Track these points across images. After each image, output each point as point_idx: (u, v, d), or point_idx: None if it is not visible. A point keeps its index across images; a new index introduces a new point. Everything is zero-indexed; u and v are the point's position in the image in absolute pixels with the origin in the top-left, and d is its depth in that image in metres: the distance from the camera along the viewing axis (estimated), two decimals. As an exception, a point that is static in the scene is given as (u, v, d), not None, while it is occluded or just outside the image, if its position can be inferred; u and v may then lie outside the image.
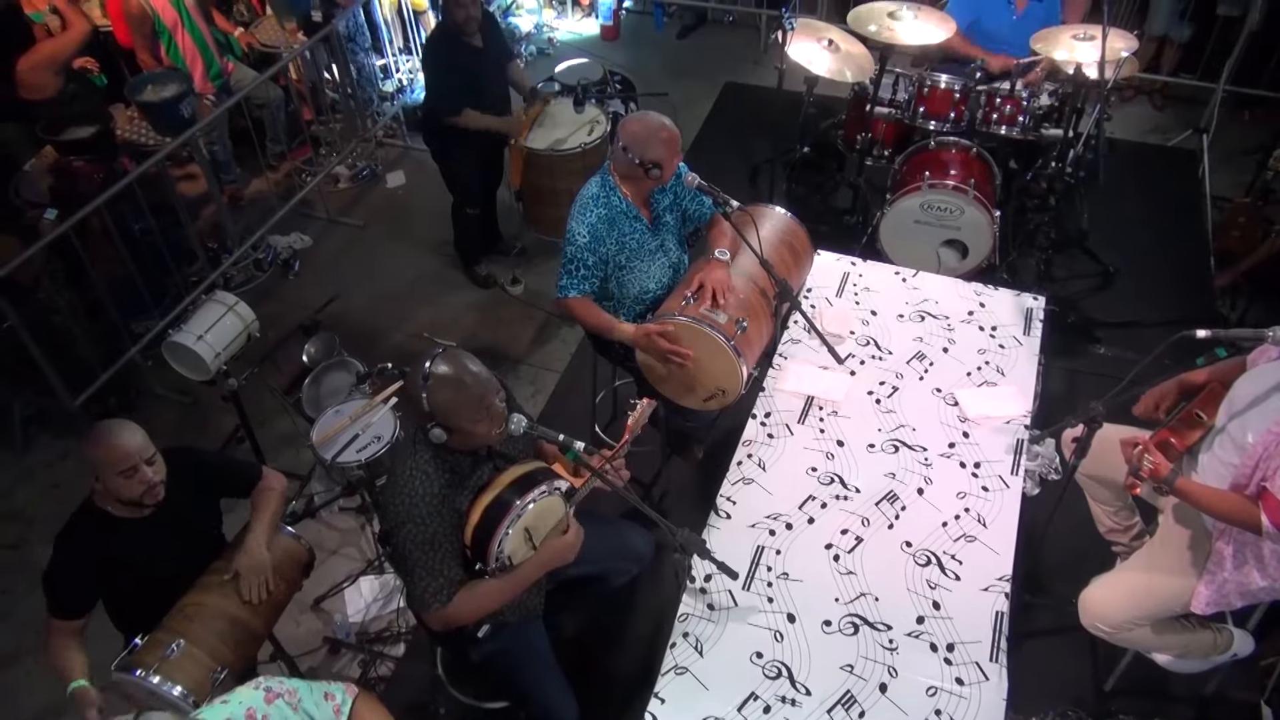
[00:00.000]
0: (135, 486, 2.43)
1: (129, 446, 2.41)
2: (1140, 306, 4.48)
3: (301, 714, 1.94)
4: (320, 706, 1.98)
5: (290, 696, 1.94)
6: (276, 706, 1.90)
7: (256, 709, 1.88)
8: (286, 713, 1.91)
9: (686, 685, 2.26)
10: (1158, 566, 2.64)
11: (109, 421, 2.50)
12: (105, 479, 2.44)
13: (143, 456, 2.44)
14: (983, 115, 4.23)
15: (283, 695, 1.93)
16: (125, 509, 2.56)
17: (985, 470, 2.72)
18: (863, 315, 3.21)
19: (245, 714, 1.86)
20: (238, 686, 1.96)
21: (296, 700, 1.94)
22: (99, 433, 2.44)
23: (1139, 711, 3.09)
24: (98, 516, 2.57)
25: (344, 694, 2.03)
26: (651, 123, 2.86)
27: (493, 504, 2.16)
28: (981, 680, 2.26)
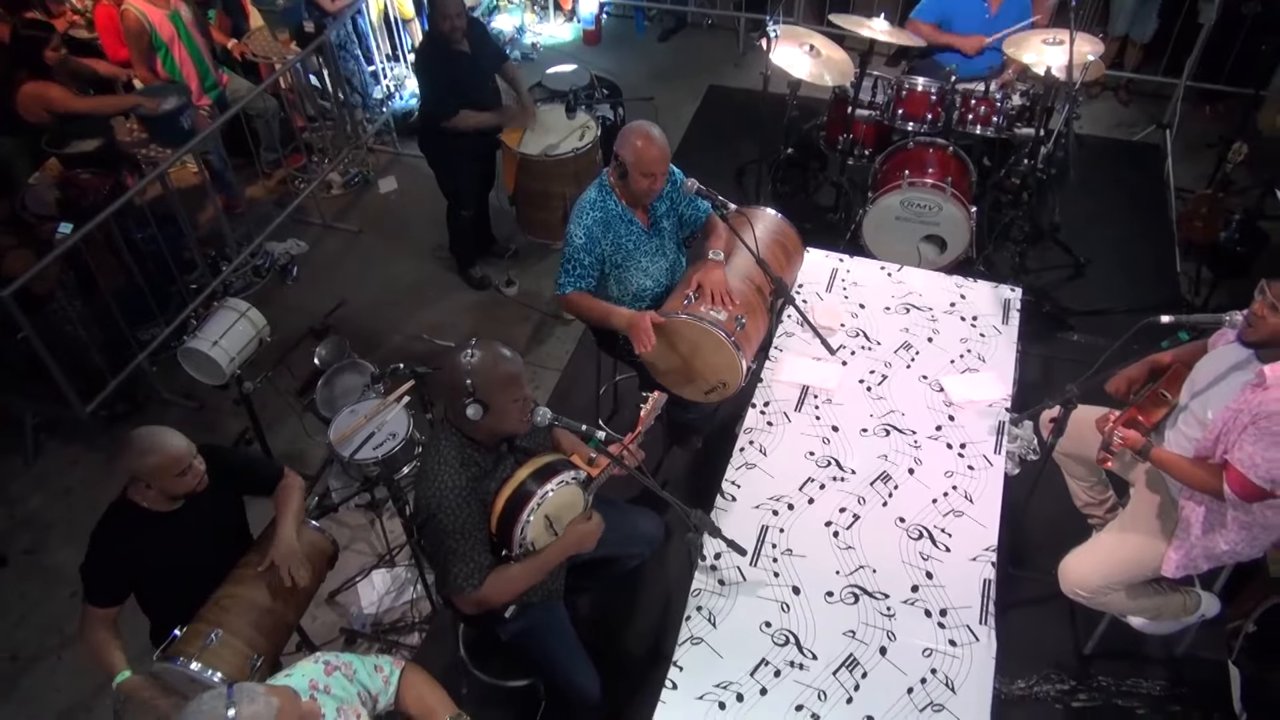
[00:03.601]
0: (189, 481, 2.57)
1: (181, 449, 2.55)
2: (1110, 295, 4.71)
3: (356, 684, 2.10)
4: (372, 677, 2.14)
5: (346, 669, 2.09)
6: (335, 678, 2.06)
7: (318, 680, 2.03)
8: (344, 683, 2.07)
9: (702, 654, 2.44)
10: (1130, 535, 2.86)
11: (148, 430, 2.60)
12: (161, 481, 2.56)
13: (191, 455, 2.57)
14: (958, 116, 4.44)
15: (340, 668, 2.08)
16: (159, 503, 2.68)
17: (970, 450, 2.93)
18: (851, 309, 3.41)
19: (309, 684, 2.01)
20: (298, 662, 2.11)
21: (352, 672, 2.10)
22: (147, 442, 2.54)
23: (1116, 673, 3.31)
24: (131, 511, 2.69)
25: (391, 666, 2.19)
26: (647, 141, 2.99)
27: (515, 493, 2.32)
28: (972, 641, 2.46)
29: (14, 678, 3.78)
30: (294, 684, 1.99)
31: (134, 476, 2.61)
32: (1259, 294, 2.44)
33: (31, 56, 4.51)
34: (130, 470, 2.58)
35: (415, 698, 2.17)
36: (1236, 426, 2.46)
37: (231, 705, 1.75)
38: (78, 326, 4.30)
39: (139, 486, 2.64)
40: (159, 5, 5.08)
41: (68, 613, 3.97)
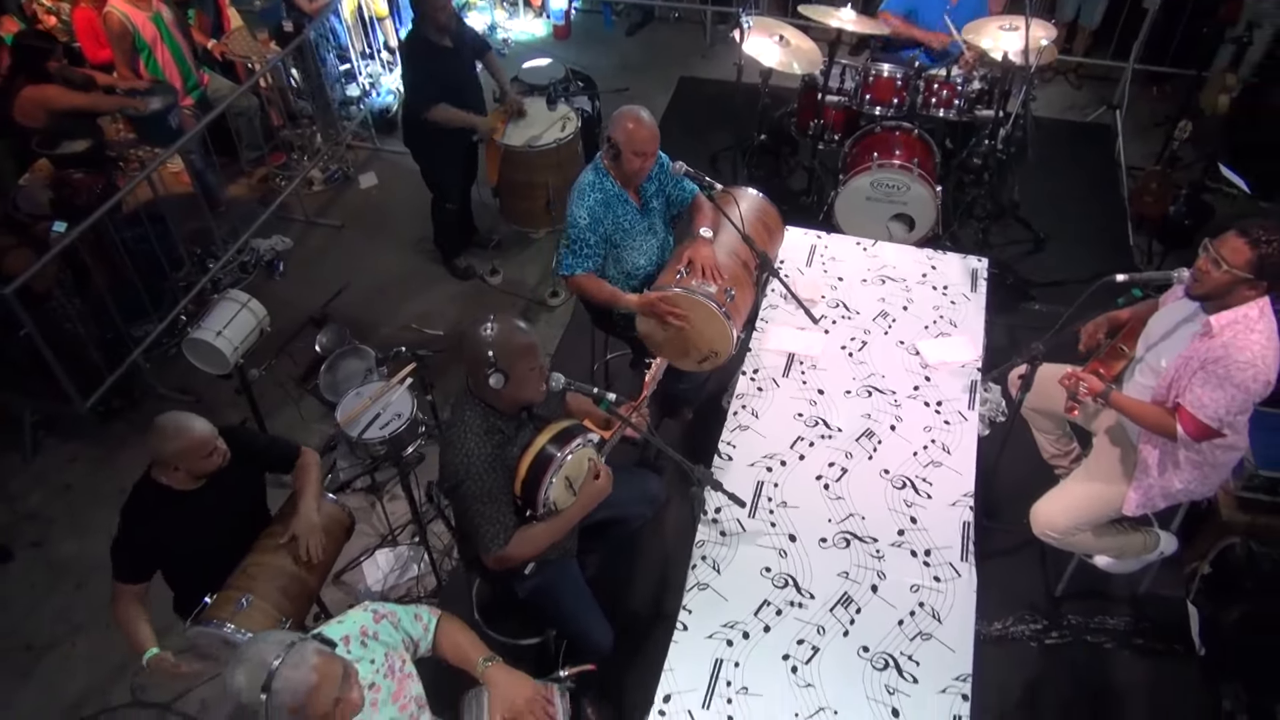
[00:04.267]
0: (214, 461, 2.71)
1: (206, 433, 2.70)
2: (1068, 267, 4.97)
3: (401, 631, 2.26)
4: (413, 625, 2.30)
5: (391, 617, 2.25)
6: (382, 625, 2.22)
7: (368, 626, 2.19)
8: (390, 630, 2.23)
9: (709, 598, 2.64)
10: (1095, 478, 3.10)
11: (174, 416, 2.73)
12: (188, 463, 2.69)
13: (215, 437, 2.71)
14: (922, 100, 4.68)
15: (386, 615, 2.24)
16: (185, 483, 2.81)
17: (946, 407, 3.15)
18: (831, 281, 3.62)
19: (359, 630, 2.17)
20: (346, 612, 2.26)
21: (396, 620, 2.26)
22: (174, 427, 2.68)
23: (1084, 612, 3.57)
24: (157, 490, 2.81)
25: (429, 614, 2.36)
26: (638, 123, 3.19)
27: (537, 458, 2.50)
28: (955, 577, 2.68)
29: (30, 665, 3.87)
30: (347, 630, 2.15)
31: (161, 459, 2.72)
32: (1203, 251, 2.69)
33: (32, 65, 4.58)
34: (158, 453, 2.70)
35: (451, 643, 2.33)
36: (1187, 372, 2.71)
37: (279, 658, 1.89)
38: (76, 324, 4.38)
39: (166, 468, 2.76)
40: (141, 7, 5.16)
41: (77, 603, 4.07)
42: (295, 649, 1.89)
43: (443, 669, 2.43)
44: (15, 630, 3.98)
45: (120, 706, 3.75)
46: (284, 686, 1.87)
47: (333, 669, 1.94)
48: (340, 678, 1.94)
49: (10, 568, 4.22)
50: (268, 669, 1.86)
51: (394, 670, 2.18)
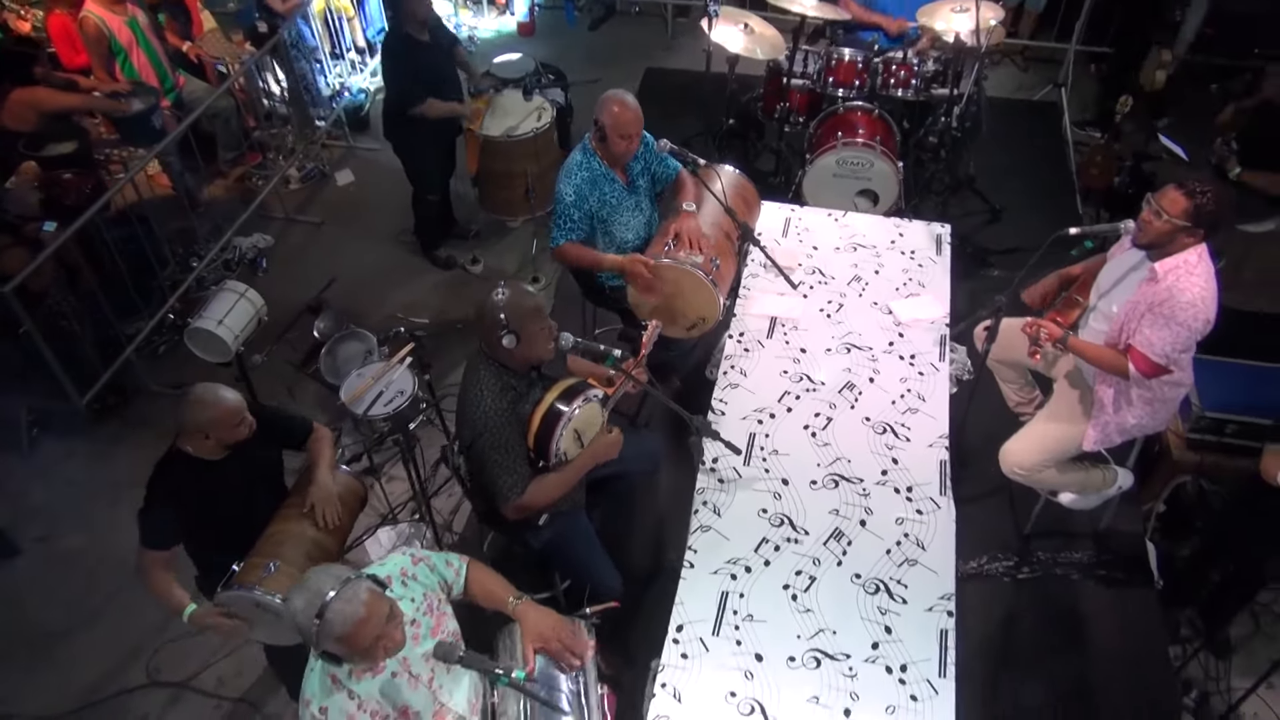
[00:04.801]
0: (243, 431, 2.86)
1: (239, 402, 2.85)
2: (1022, 236, 5.26)
3: (436, 574, 2.44)
4: (447, 570, 2.48)
5: (427, 561, 2.43)
6: (420, 568, 2.39)
7: (407, 569, 2.37)
8: (427, 573, 2.40)
9: (711, 539, 2.85)
10: (1056, 418, 3.37)
11: (208, 386, 2.87)
12: (219, 431, 2.83)
13: (244, 408, 2.86)
14: (881, 81, 4.94)
15: (423, 559, 2.42)
16: (212, 452, 2.95)
17: (919, 360, 3.40)
18: (806, 250, 3.86)
19: (400, 572, 2.34)
20: (387, 556, 2.43)
21: (432, 564, 2.44)
22: (210, 397, 2.82)
23: (1051, 548, 3.84)
24: (183, 460, 2.95)
25: (459, 560, 2.53)
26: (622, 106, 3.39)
27: (547, 413, 2.69)
28: (936, 509, 2.93)
29: (47, 651, 3.97)
30: (388, 571, 2.32)
31: (194, 428, 2.86)
32: (1146, 204, 2.96)
33: (17, 70, 4.65)
34: (191, 422, 2.83)
35: (480, 586, 2.51)
36: (1135, 315, 2.98)
37: (334, 591, 2.07)
38: (72, 322, 4.48)
39: (195, 437, 2.89)
40: (117, 12, 5.22)
41: (87, 591, 4.17)
42: (350, 585, 2.06)
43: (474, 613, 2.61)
44: (28, 620, 4.07)
45: (137, 687, 3.87)
46: (334, 617, 2.04)
47: (380, 607, 2.11)
48: (385, 616, 2.12)
49: (18, 562, 4.31)
50: (323, 598, 2.03)
51: (432, 608, 2.36)
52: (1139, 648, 3.67)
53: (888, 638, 2.62)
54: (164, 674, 3.91)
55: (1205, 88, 5.95)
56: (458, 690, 2.39)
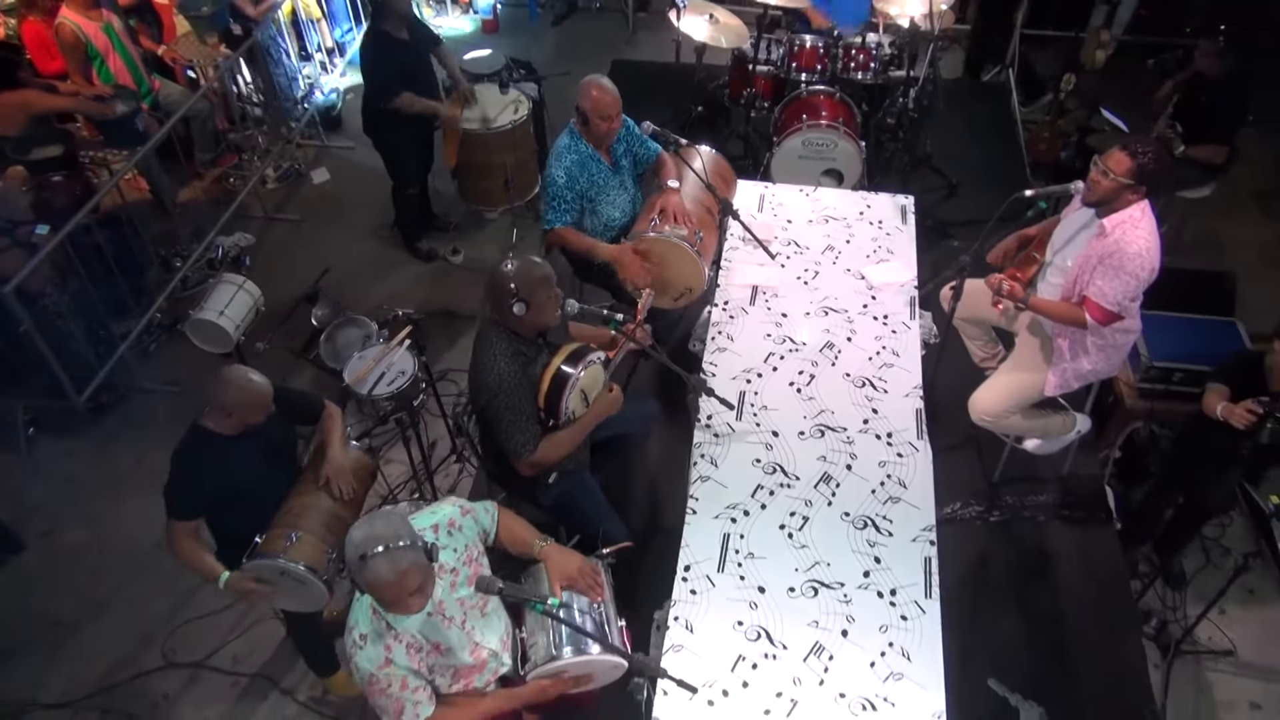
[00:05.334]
0: (263, 414, 3.01)
1: (270, 389, 3.00)
2: (978, 208, 5.56)
3: (478, 525, 2.61)
4: (485, 517, 2.65)
5: (473, 513, 2.60)
6: (466, 519, 2.56)
7: (456, 519, 2.54)
8: (471, 524, 2.58)
9: (710, 487, 3.07)
10: (1019, 368, 3.65)
11: (240, 370, 3.00)
12: (243, 413, 2.97)
13: (271, 392, 3.01)
14: (842, 65, 5.20)
15: (470, 511, 2.59)
16: (232, 428, 3.09)
17: (892, 319, 3.66)
18: (781, 224, 4.09)
19: (448, 522, 2.52)
20: (437, 503, 2.60)
21: (475, 516, 2.61)
22: (243, 380, 2.96)
23: (1018, 493, 4.13)
24: (206, 435, 3.08)
25: (493, 507, 2.70)
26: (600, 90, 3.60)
27: (556, 375, 2.89)
28: (915, 452, 3.18)
29: (59, 641, 4.07)
30: (438, 519, 2.49)
31: (220, 407, 2.99)
32: (1093, 165, 3.23)
33: (6, 74, 4.72)
34: (220, 400, 2.96)
35: (508, 532, 2.69)
36: (1088, 268, 3.26)
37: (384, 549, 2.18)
38: (68, 321, 4.57)
39: (219, 415, 3.03)
40: (92, 17, 5.30)
41: (96, 583, 4.27)
42: (400, 551, 2.20)
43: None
44: (39, 613, 4.16)
45: (155, 669, 3.99)
46: (373, 569, 2.20)
47: (413, 579, 2.25)
48: (414, 588, 2.26)
49: (24, 557, 4.39)
50: (373, 547, 2.19)
51: (471, 559, 2.54)
52: (1101, 581, 3.97)
53: (877, 566, 2.86)
54: (179, 655, 4.03)
55: (1143, 64, 6.31)
56: (490, 631, 2.57)
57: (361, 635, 2.34)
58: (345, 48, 7.53)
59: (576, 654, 2.47)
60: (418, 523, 2.46)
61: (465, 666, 2.49)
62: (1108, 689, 3.57)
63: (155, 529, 4.44)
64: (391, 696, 2.35)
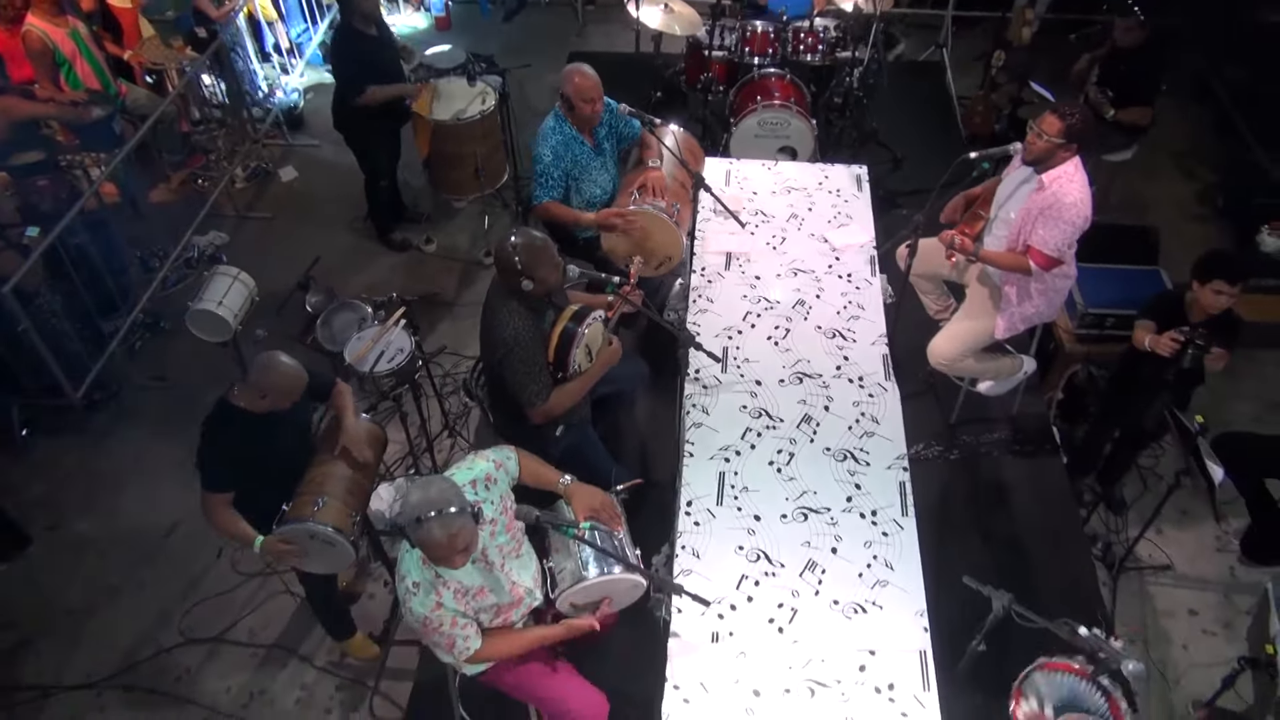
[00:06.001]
0: (299, 397, 3.23)
1: (301, 376, 3.19)
2: (923, 178, 5.94)
3: (509, 477, 2.84)
4: (509, 462, 2.87)
5: (505, 464, 2.84)
6: (500, 474, 2.79)
7: (491, 474, 2.76)
8: (504, 477, 2.81)
9: (704, 433, 3.38)
10: (971, 315, 4.02)
11: (283, 359, 3.18)
12: (277, 397, 3.17)
13: (305, 379, 3.21)
14: (792, 48, 5.54)
15: (503, 465, 2.83)
16: (260, 407, 3.29)
17: (855, 276, 4.00)
18: (748, 195, 4.41)
19: (485, 477, 2.74)
20: (471, 458, 2.84)
21: (507, 468, 2.85)
22: (286, 368, 3.15)
23: (974, 433, 4.51)
24: (232, 412, 3.27)
25: (513, 453, 2.92)
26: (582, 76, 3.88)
27: (563, 332, 3.17)
28: (884, 392, 3.53)
29: (76, 627, 4.22)
30: (475, 475, 2.72)
31: (256, 389, 3.17)
32: (1029, 128, 3.60)
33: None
34: (260, 383, 3.15)
35: (531, 472, 2.94)
36: (1030, 219, 3.63)
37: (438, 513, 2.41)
38: (62, 320, 4.69)
39: (253, 396, 3.20)
40: (59, 24, 5.37)
41: (106, 571, 4.43)
42: (453, 516, 2.43)
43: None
44: (53, 602, 4.30)
45: (174, 646, 4.17)
46: (427, 530, 2.44)
47: (461, 540, 2.48)
48: (459, 548, 2.50)
49: (32, 551, 4.51)
50: (427, 510, 2.42)
51: (506, 508, 2.78)
52: (1052, 510, 4.37)
53: (858, 492, 3.20)
54: (197, 632, 4.21)
55: (1065, 39, 6.77)
56: (524, 571, 2.84)
57: (414, 583, 2.58)
58: (303, 48, 7.66)
59: (602, 574, 2.75)
60: (458, 478, 2.68)
61: (505, 604, 2.75)
62: (1063, 601, 3.96)
63: (161, 516, 4.65)
64: (444, 634, 2.60)
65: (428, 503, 2.44)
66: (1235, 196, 6.07)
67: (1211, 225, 6.07)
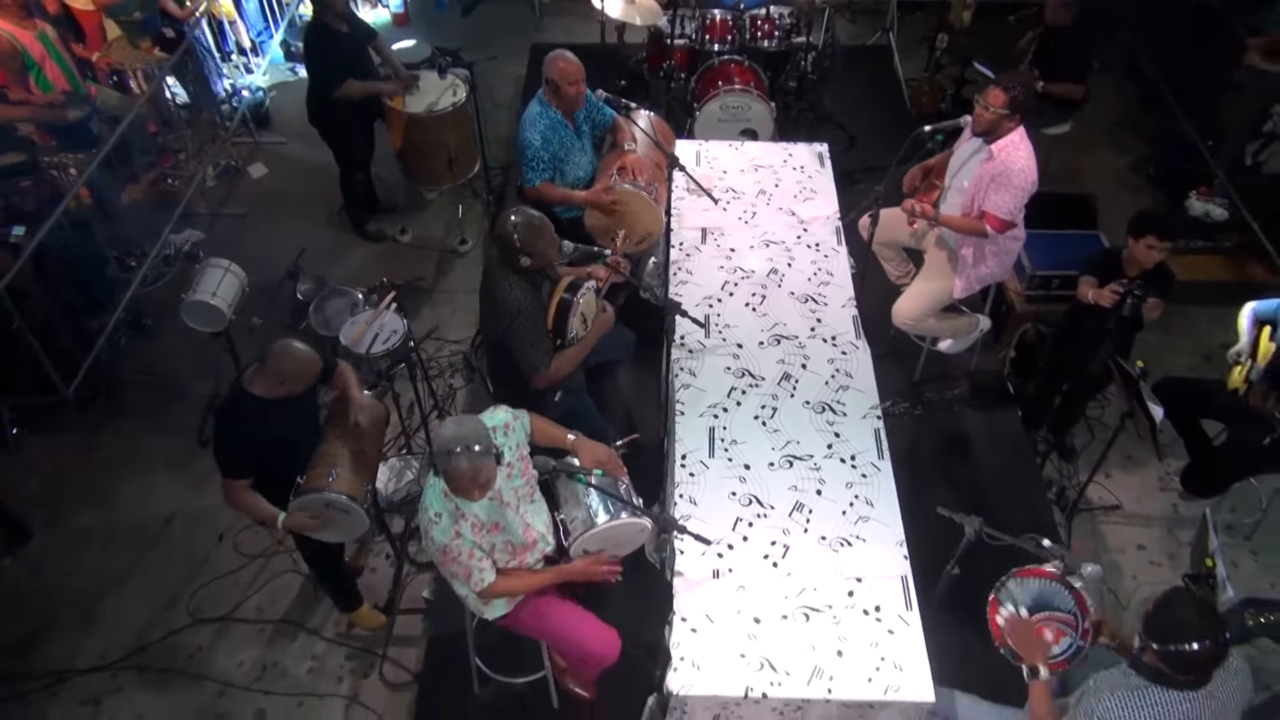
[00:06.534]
0: (313, 380, 3.39)
1: (317, 361, 3.35)
2: (876, 156, 6.23)
3: (524, 428, 3.06)
4: (526, 419, 3.10)
5: (522, 420, 3.05)
6: (516, 424, 3.01)
7: (510, 424, 2.98)
8: (519, 427, 3.02)
9: (693, 394, 3.64)
10: (931, 277, 4.33)
11: (300, 346, 3.33)
12: (295, 381, 3.32)
13: (319, 364, 3.37)
14: (750, 34, 5.81)
15: (519, 418, 3.05)
16: (276, 393, 3.42)
17: (823, 245, 4.29)
18: (718, 174, 4.67)
19: (504, 425, 2.95)
20: (491, 410, 3.03)
21: (522, 420, 3.06)
22: (304, 354, 3.30)
23: (935, 390, 4.83)
24: (247, 398, 3.43)
25: (525, 415, 3.13)
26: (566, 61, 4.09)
27: (560, 302, 3.40)
28: (855, 349, 3.83)
29: (86, 615, 4.33)
30: (496, 422, 2.92)
31: (275, 376, 3.31)
32: (976, 102, 3.91)
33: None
34: (279, 371, 3.29)
35: (541, 430, 3.15)
36: (982, 187, 3.94)
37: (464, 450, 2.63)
38: (54, 318, 4.78)
39: (271, 383, 3.34)
40: (26, 27, 5.41)
41: (109, 561, 4.55)
42: (478, 454, 2.66)
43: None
44: (59, 593, 4.41)
45: (184, 627, 4.31)
46: (456, 463, 2.66)
47: (483, 475, 2.71)
48: (480, 482, 2.72)
49: (33, 546, 4.60)
50: (455, 447, 2.65)
51: (522, 456, 3.01)
52: (1010, 458, 4.70)
53: (837, 440, 3.48)
54: (205, 613, 4.35)
55: (1004, 21, 7.13)
56: (537, 516, 3.07)
57: (436, 514, 2.80)
58: (262, 47, 7.73)
59: (611, 520, 2.99)
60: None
61: (520, 545, 2.98)
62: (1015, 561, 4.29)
63: (160, 506, 4.78)
64: (461, 564, 2.82)
65: (459, 438, 2.66)
66: (1165, 165, 6.51)
67: (1144, 193, 6.48)
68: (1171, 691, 2.45)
